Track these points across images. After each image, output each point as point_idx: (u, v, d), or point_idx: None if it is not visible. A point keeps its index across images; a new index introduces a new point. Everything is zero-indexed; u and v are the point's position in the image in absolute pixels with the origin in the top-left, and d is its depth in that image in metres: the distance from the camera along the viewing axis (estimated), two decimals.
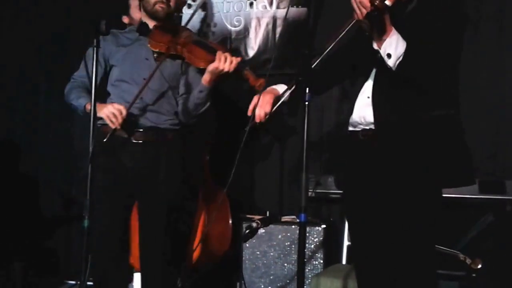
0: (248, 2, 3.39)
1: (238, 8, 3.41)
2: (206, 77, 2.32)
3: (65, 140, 3.68)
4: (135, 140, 2.35)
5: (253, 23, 3.38)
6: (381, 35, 1.71)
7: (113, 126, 2.21)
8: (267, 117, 1.96)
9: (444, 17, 1.76)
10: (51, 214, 3.63)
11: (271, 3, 3.35)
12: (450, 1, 1.80)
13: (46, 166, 3.73)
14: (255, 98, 1.98)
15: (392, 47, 1.71)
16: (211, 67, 2.28)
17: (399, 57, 1.72)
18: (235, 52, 3.37)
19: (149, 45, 2.37)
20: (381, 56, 1.75)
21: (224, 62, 2.26)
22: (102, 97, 2.36)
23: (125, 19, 2.40)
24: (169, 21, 2.46)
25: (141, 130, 2.35)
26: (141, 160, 2.35)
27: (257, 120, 1.96)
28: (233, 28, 3.42)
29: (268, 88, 2.05)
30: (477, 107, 2.86)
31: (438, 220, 1.85)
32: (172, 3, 2.40)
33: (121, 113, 2.20)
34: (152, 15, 2.41)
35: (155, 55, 2.38)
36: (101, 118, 2.23)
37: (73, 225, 3.56)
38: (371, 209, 1.88)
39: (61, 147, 3.69)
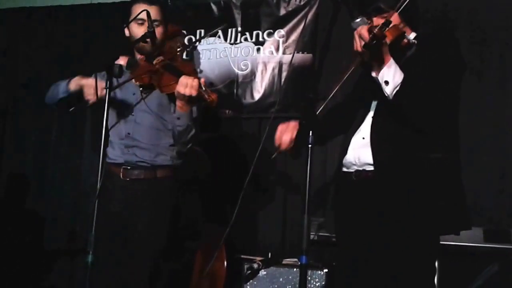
0: (255, 47, 3.48)
1: (246, 53, 3.50)
2: (177, 103, 2.24)
3: (73, 177, 3.71)
4: (123, 177, 2.29)
5: (260, 68, 3.46)
6: (379, 65, 1.77)
7: (88, 97, 2.20)
8: (291, 144, 2.03)
9: (443, 64, 1.81)
10: (54, 249, 3.61)
11: (277, 49, 3.44)
12: (449, 50, 1.86)
13: (53, 202, 3.74)
14: (280, 126, 2.08)
15: (390, 75, 1.76)
16: (176, 92, 2.20)
17: (396, 86, 1.76)
18: (241, 96, 3.45)
19: (133, 80, 2.32)
20: (379, 86, 1.78)
21: (185, 87, 2.16)
22: None
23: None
24: (154, 51, 2.36)
25: (129, 167, 2.30)
26: (128, 198, 2.27)
27: (283, 147, 2.05)
28: (240, 72, 3.50)
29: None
30: (482, 154, 2.88)
31: (434, 265, 1.83)
32: (158, 36, 2.31)
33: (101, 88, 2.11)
34: (139, 51, 2.38)
35: (141, 88, 2.33)
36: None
37: (76, 261, 3.52)
38: (363, 252, 1.86)
39: (69, 184, 3.72)
